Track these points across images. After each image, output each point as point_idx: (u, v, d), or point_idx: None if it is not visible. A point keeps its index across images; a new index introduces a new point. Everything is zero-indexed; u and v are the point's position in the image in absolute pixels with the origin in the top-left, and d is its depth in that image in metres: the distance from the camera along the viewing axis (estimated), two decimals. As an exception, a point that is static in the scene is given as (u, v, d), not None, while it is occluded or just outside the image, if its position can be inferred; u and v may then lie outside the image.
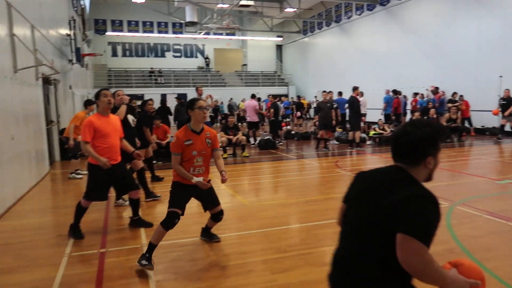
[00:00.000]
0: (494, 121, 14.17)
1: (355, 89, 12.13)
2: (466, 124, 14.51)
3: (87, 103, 8.67)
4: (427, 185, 1.69)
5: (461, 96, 14.89)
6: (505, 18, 14.46)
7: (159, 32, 31.72)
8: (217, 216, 4.11)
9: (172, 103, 13.87)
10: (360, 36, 23.17)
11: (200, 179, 3.74)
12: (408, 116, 16.01)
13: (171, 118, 13.50)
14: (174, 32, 31.90)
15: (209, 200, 4.03)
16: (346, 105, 14.44)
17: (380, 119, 14.18)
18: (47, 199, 6.99)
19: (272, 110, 13.90)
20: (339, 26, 25.18)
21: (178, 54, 33.28)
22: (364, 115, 14.45)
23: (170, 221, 3.66)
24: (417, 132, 1.66)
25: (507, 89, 12.48)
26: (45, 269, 3.73)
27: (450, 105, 14.17)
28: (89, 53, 21.14)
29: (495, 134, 13.27)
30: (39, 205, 6.43)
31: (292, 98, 27.14)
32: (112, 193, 5.13)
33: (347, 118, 14.75)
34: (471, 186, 6.91)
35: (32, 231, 4.97)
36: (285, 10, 25.49)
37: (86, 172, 5.58)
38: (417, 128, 1.68)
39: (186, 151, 3.72)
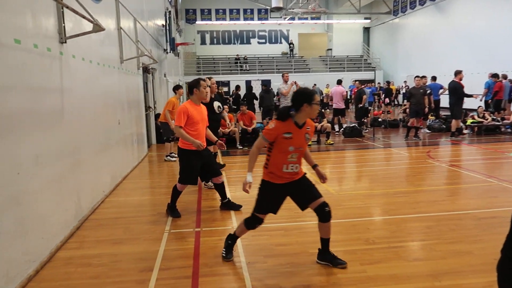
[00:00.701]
0: None
1: (457, 73, 11.17)
2: None
3: (176, 88, 9.24)
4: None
5: None
6: None
7: (245, 19, 32.40)
8: (321, 210, 3.37)
9: (257, 90, 14.18)
10: (458, 15, 21.20)
11: (251, 180, 3.32)
12: (514, 103, 14.32)
13: (256, 104, 13.84)
14: (259, 19, 32.36)
15: (309, 194, 3.41)
16: (441, 91, 13.48)
17: (480, 106, 12.93)
18: (146, 179, 7.69)
19: (364, 97, 13.48)
20: (434, 5, 23.30)
21: (262, 41, 33.72)
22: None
23: (251, 224, 3.57)
24: None
25: None
26: (149, 243, 4.15)
27: None
28: (181, 42, 22.36)
29: None
30: (140, 184, 7.10)
31: (379, 83, 25.94)
32: (204, 176, 5.50)
33: (440, 105, 13.78)
34: None
35: (135, 207, 5.53)
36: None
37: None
38: None
39: (281, 144, 3.28)
